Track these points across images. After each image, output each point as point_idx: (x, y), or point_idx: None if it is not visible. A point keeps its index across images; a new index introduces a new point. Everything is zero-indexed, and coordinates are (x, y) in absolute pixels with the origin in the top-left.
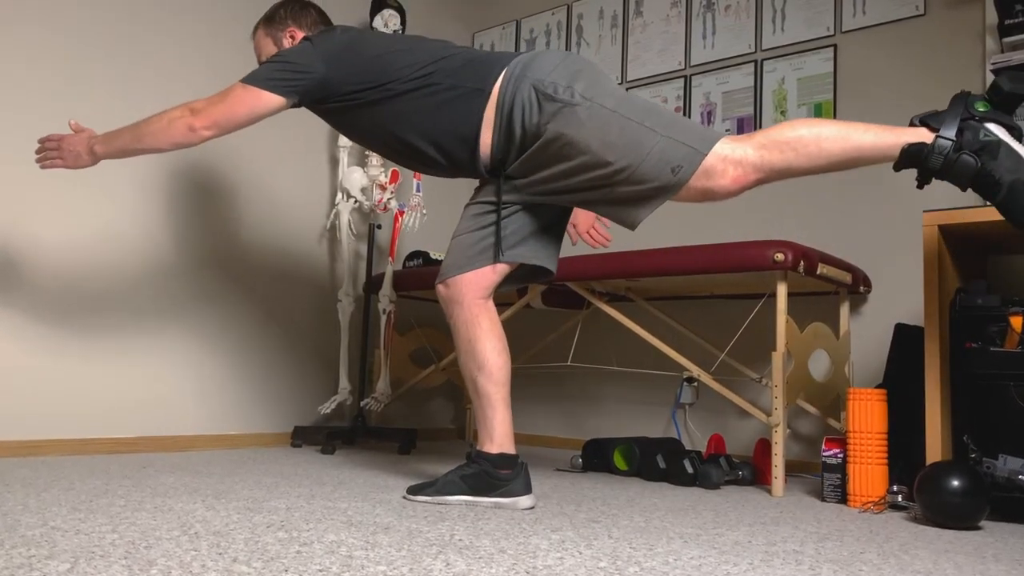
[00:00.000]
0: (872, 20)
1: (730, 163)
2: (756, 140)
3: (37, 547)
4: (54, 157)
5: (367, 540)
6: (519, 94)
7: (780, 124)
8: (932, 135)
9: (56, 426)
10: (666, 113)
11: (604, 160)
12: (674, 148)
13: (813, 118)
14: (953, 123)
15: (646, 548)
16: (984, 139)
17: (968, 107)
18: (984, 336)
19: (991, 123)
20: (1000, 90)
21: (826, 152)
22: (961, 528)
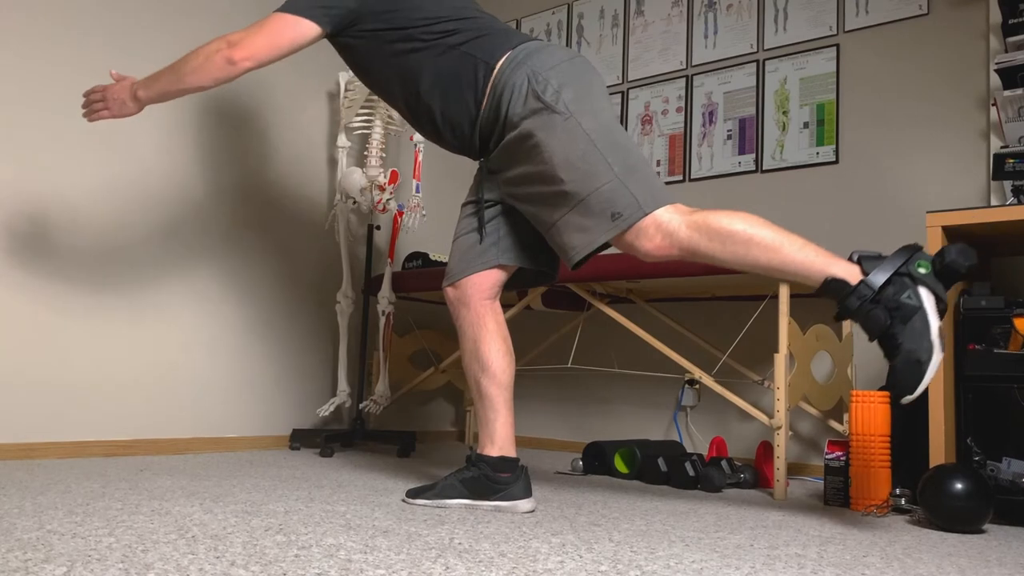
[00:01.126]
0: (875, 20)
1: (661, 231)
2: (693, 219)
3: (33, 551)
4: (99, 108)
5: (366, 543)
6: (514, 78)
7: (725, 211)
8: (858, 277)
9: (52, 429)
10: (634, 156)
11: (559, 176)
12: (622, 195)
13: (757, 218)
14: (885, 273)
15: (647, 552)
16: (905, 301)
17: (909, 263)
18: (988, 338)
19: (923, 287)
20: (944, 258)
21: (751, 257)
22: (965, 532)
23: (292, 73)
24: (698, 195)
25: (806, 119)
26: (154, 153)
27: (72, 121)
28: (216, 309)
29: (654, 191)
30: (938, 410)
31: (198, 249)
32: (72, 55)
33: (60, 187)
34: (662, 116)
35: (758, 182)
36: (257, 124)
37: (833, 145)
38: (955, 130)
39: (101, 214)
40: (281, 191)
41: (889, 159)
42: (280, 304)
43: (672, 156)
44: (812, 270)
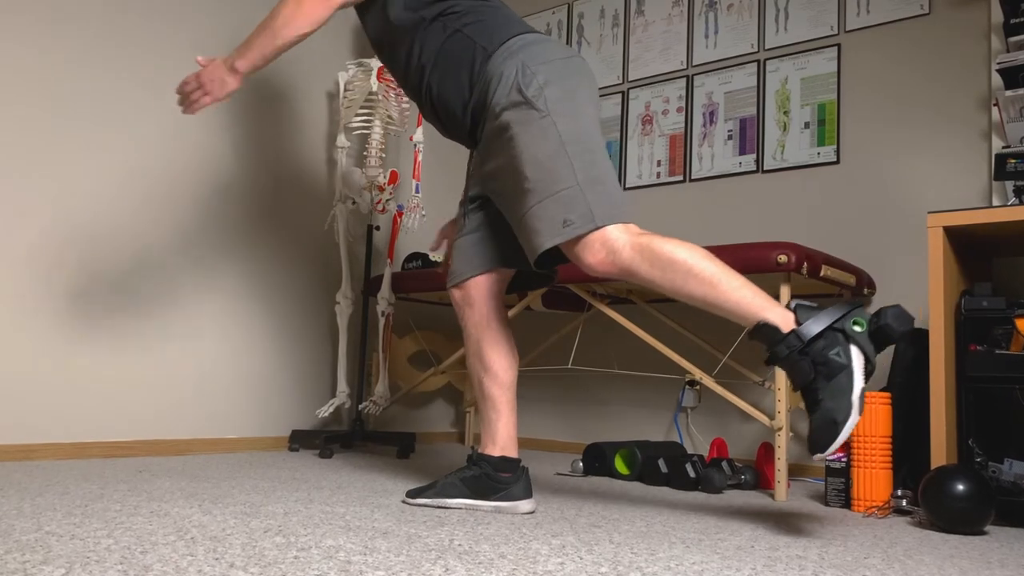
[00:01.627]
0: (876, 19)
1: (606, 247)
2: (639, 241)
3: (32, 552)
4: (199, 96)
5: (365, 545)
6: (504, 67)
7: (673, 240)
8: (791, 326)
9: (51, 430)
10: (601, 168)
11: (524, 173)
12: (578, 203)
13: (702, 251)
14: (818, 326)
15: (648, 553)
16: (833, 357)
17: (845, 319)
18: (989, 339)
19: (854, 346)
20: (879, 319)
21: (688, 288)
22: (966, 533)
23: (291, 73)
24: (699, 195)
25: (807, 119)
26: (152, 153)
27: (70, 122)
28: (215, 309)
29: (612, 206)
30: (939, 411)
31: (196, 250)
32: (69, 52)
33: (59, 186)
34: (662, 116)
35: (759, 182)
36: (256, 124)
37: (834, 145)
38: (956, 130)
39: (95, 217)
40: (280, 191)
41: (890, 159)
42: (279, 304)
43: (672, 156)
44: (746, 311)
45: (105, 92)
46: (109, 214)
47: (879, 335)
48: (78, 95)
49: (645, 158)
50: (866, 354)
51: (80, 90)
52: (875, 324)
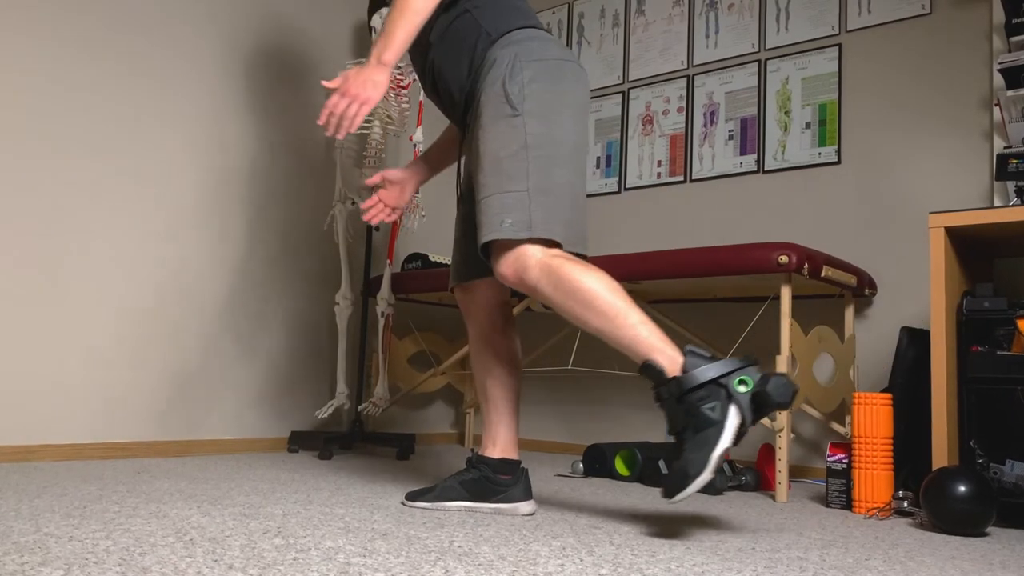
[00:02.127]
0: (877, 19)
1: (519, 262)
2: (550, 263)
3: (30, 554)
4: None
5: (365, 547)
6: (501, 55)
7: (584, 267)
8: (675, 372)
9: (49, 431)
10: (559, 177)
11: (482, 165)
12: (521, 208)
13: (610, 283)
14: (702, 377)
15: (648, 555)
16: (706, 411)
17: (731, 375)
18: (991, 340)
19: (733, 406)
20: (763, 384)
21: (584, 318)
22: (968, 535)
23: (290, 73)
24: (699, 196)
25: (808, 119)
26: (149, 153)
27: (65, 125)
28: (214, 310)
29: (553, 220)
30: (941, 412)
31: (194, 250)
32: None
33: (56, 189)
34: (663, 116)
35: (760, 183)
36: (255, 124)
37: (835, 145)
38: (958, 130)
39: (93, 217)
40: (279, 191)
41: (891, 159)
42: (278, 305)
43: (673, 156)
44: (637, 350)
45: (101, 92)
46: (102, 213)
47: (757, 399)
48: (73, 95)
49: (645, 158)
50: (743, 416)
51: (74, 90)
52: (757, 388)
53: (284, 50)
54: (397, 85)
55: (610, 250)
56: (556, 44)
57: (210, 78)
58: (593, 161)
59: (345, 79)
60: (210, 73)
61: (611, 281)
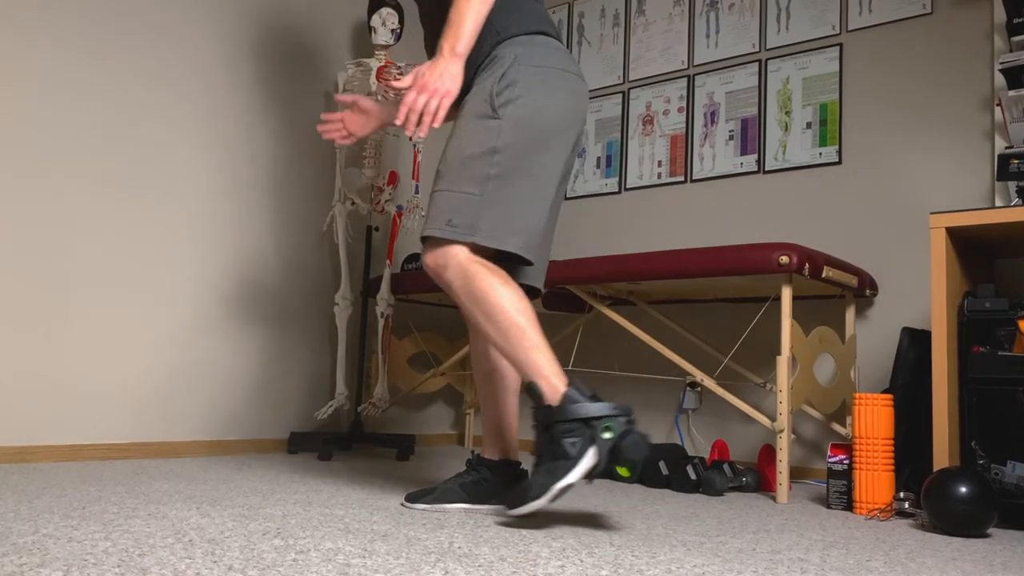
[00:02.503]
0: (878, 19)
1: (445, 256)
2: (469, 268)
3: (29, 555)
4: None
5: (365, 548)
6: (504, 53)
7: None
8: (552, 401)
9: (47, 432)
10: (517, 190)
11: (446, 156)
12: (470, 213)
13: (520, 303)
14: (576, 412)
15: (648, 556)
16: (566, 445)
17: (600, 420)
18: (992, 340)
19: (593, 448)
20: (621, 437)
21: (484, 328)
22: (969, 536)
23: (290, 73)
24: (700, 196)
25: (809, 119)
26: (147, 154)
27: (63, 127)
28: (213, 311)
29: (499, 230)
30: (942, 413)
31: (193, 251)
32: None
33: (54, 189)
34: (663, 116)
35: (760, 183)
36: (253, 124)
37: (836, 146)
38: (959, 130)
39: (94, 216)
40: (278, 192)
41: (892, 160)
42: (277, 306)
43: (673, 157)
44: (526, 371)
45: (99, 93)
46: (100, 214)
47: (613, 451)
48: (71, 95)
49: (646, 158)
50: (599, 462)
51: (72, 92)
52: (617, 439)
53: (282, 50)
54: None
55: (610, 250)
56: (561, 53)
57: (209, 78)
58: (593, 161)
59: (418, 75)
60: (209, 73)
61: (522, 302)
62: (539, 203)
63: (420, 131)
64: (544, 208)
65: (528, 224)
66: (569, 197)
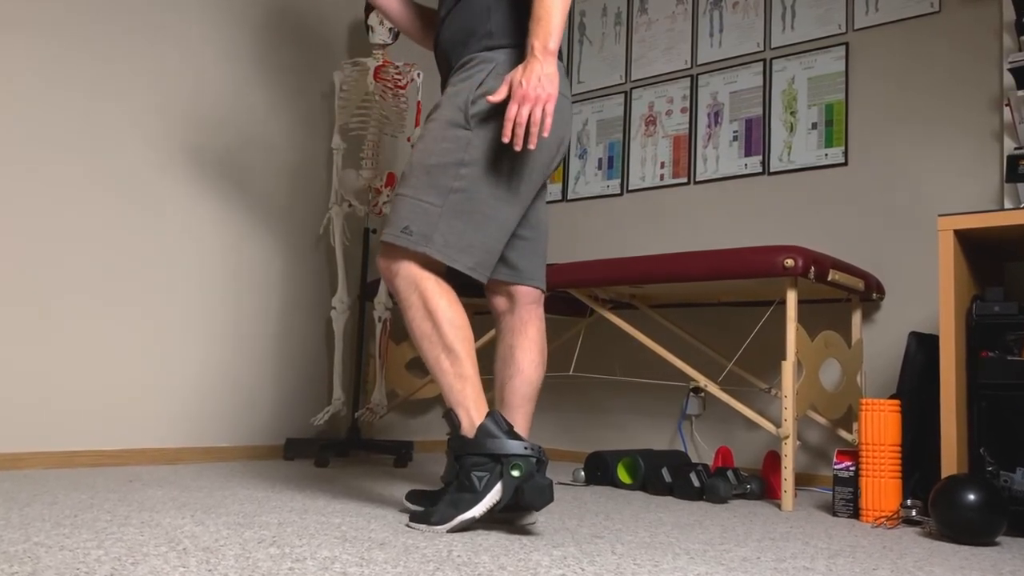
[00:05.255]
0: (885, 17)
1: (397, 264)
2: (420, 283)
3: (20, 563)
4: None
5: (362, 556)
6: (485, 61)
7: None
8: (466, 432)
9: (39, 438)
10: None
11: (413, 161)
12: (428, 224)
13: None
14: (487, 447)
15: (651, 564)
16: (474, 477)
17: (511, 458)
18: (1001, 345)
19: (499, 484)
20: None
21: (420, 344)
22: (977, 544)
23: (286, 73)
24: (703, 198)
25: (814, 120)
26: (141, 155)
27: (53, 128)
28: (208, 315)
29: (452, 245)
30: (950, 419)
31: (189, 253)
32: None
33: (47, 191)
34: (666, 117)
35: (765, 184)
36: (249, 125)
37: (842, 146)
38: (967, 131)
39: (83, 222)
40: (274, 194)
41: (899, 161)
42: (273, 310)
43: (676, 158)
44: (448, 396)
45: (93, 92)
46: (92, 219)
47: (517, 493)
48: (63, 94)
49: (648, 159)
50: (503, 499)
51: (65, 88)
52: (522, 481)
53: (279, 50)
54: (395, 85)
55: (612, 253)
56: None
57: (204, 78)
58: (595, 163)
59: (515, 85)
60: (202, 73)
61: (464, 328)
62: (500, 223)
63: (530, 144)
64: (507, 228)
65: (485, 243)
66: (570, 199)
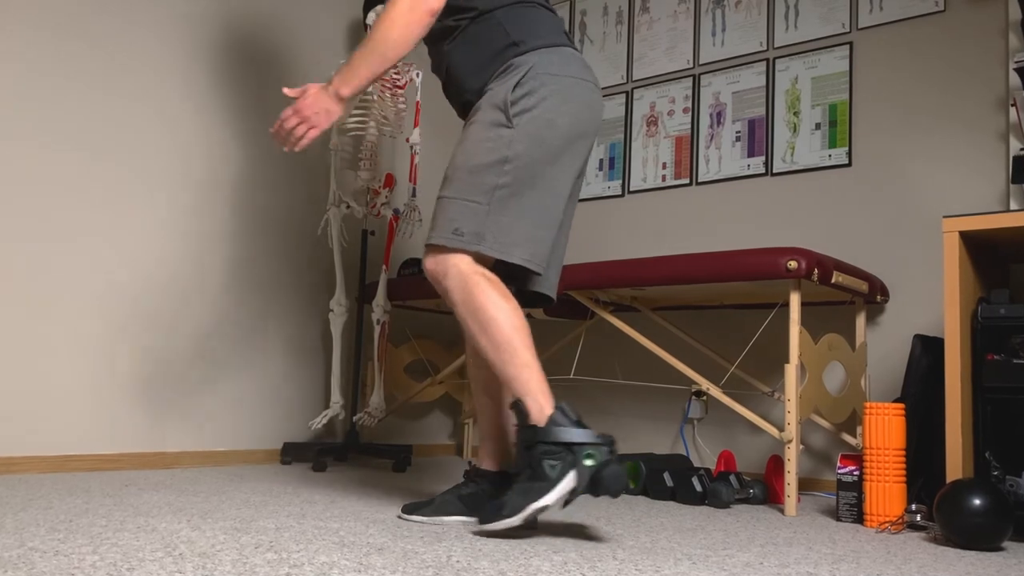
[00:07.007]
0: (889, 17)
1: (446, 263)
2: (470, 279)
3: (15, 569)
4: (304, 130)
5: (360, 562)
6: (520, 65)
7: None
8: (539, 422)
9: (34, 442)
10: (527, 200)
11: (455, 162)
12: (477, 223)
13: (516, 319)
14: (559, 436)
15: (653, 570)
16: (547, 468)
17: (583, 447)
18: (1007, 348)
19: (573, 472)
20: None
21: (478, 340)
22: (983, 549)
23: (284, 73)
24: (706, 199)
25: (818, 120)
26: (138, 156)
27: (53, 137)
28: (204, 317)
29: (504, 240)
30: (955, 423)
31: (185, 256)
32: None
33: (41, 191)
34: (668, 117)
35: (768, 185)
36: (247, 126)
37: (846, 147)
38: (973, 132)
39: (80, 223)
40: (272, 195)
41: (904, 162)
42: (270, 312)
43: (678, 159)
44: (515, 387)
45: (87, 91)
46: (89, 219)
47: (592, 480)
48: (58, 92)
49: (650, 160)
50: (577, 487)
51: (60, 87)
52: (598, 469)
53: (277, 50)
54: (394, 85)
55: (613, 255)
56: (577, 62)
57: (201, 78)
58: (596, 164)
59: (304, 95)
60: (201, 73)
61: (518, 318)
62: (547, 215)
63: (285, 148)
64: (553, 220)
65: (535, 235)
66: None
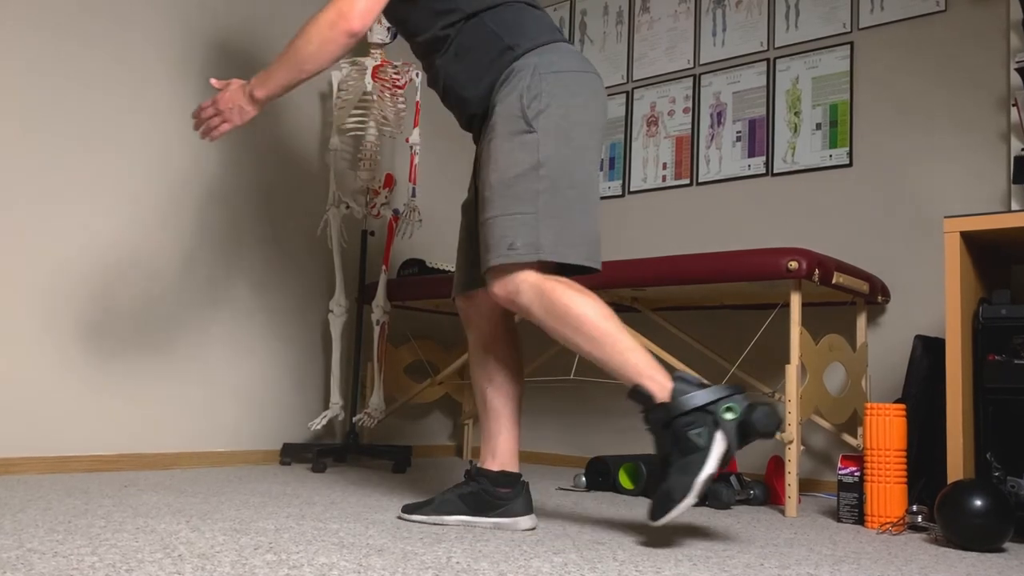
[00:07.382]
0: (891, 16)
1: (515, 282)
2: (544, 285)
3: (13, 570)
4: (218, 123)
5: (360, 563)
6: (521, 66)
7: (577, 290)
8: (664, 398)
9: (33, 443)
10: (569, 198)
11: (489, 181)
12: (530, 232)
13: (602, 308)
14: (692, 403)
15: (653, 571)
16: (693, 437)
17: (719, 403)
18: (1008, 348)
19: (720, 432)
20: (750, 412)
21: (574, 342)
22: (984, 550)
23: None
24: (706, 199)
25: (819, 120)
26: (135, 156)
27: (52, 136)
28: (203, 318)
29: (561, 243)
30: (956, 424)
31: (184, 256)
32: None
33: (40, 190)
34: (668, 117)
35: (768, 186)
36: (246, 126)
37: (847, 147)
38: (974, 132)
39: (77, 224)
40: (271, 196)
41: (905, 162)
42: (269, 313)
43: (679, 159)
44: (627, 374)
45: (83, 91)
46: (84, 219)
47: (744, 427)
48: (53, 90)
49: (650, 160)
50: (729, 443)
51: (54, 85)
52: (743, 416)
53: (275, 49)
54: (393, 85)
55: (613, 256)
56: (575, 55)
57: (196, 77)
58: None
59: (226, 88)
60: (196, 72)
61: (603, 307)
62: (590, 208)
63: (201, 135)
64: (596, 212)
65: (586, 232)
66: None
